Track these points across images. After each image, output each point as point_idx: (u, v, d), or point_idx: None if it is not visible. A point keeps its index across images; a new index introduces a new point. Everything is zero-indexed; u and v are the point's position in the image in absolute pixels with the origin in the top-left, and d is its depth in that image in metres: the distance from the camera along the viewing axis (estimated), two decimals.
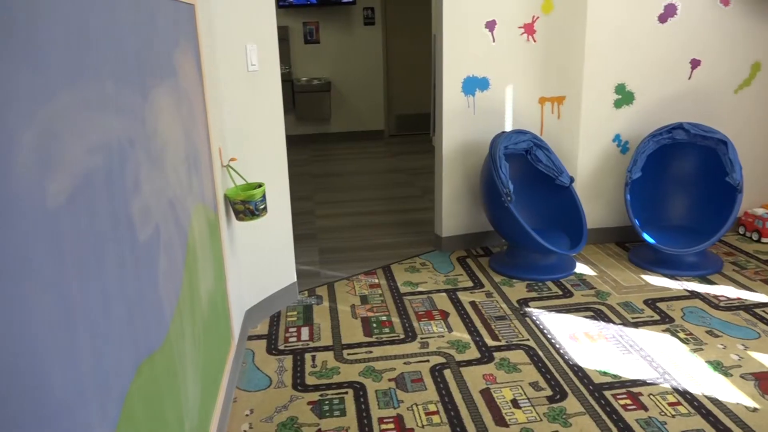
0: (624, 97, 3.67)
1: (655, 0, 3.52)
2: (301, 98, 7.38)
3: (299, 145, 7.50)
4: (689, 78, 3.70)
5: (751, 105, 3.82)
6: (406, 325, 2.94)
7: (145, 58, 1.45)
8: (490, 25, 3.56)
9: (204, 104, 2.18)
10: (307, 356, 2.69)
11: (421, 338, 2.81)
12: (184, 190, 1.77)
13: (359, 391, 2.42)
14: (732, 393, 2.32)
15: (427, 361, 2.62)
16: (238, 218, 2.57)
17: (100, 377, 1.03)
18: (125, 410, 1.13)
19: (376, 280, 3.46)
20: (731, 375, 2.44)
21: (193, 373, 1.73)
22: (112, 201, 1.15)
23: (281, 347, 2.77)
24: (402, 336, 2.83)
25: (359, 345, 2.77)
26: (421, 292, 3.29)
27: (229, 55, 2.65)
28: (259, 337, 2.88)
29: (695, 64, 3.68)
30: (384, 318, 3.01)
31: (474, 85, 3.64)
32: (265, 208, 2.60)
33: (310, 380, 2.50)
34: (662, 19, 3.56)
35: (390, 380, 2.48)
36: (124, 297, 1.18)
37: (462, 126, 3.70)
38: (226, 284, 2.41)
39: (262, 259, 2.99)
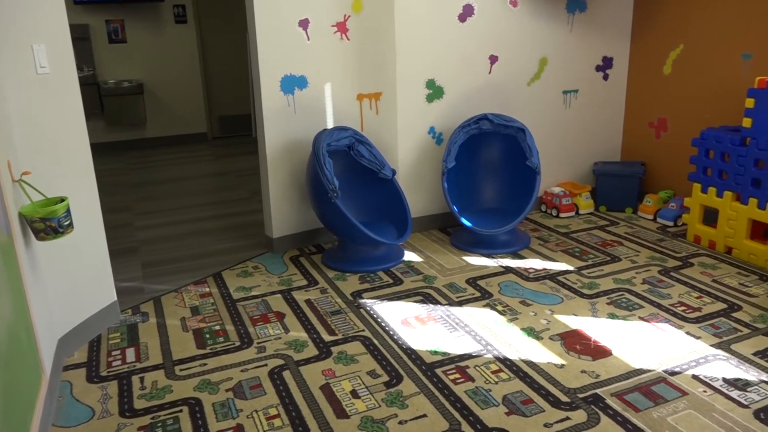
0: (434, 91, 3.90)
1: (454, 0, 3.79)
2: (109, 102, 6.83)
3: (113, 153, 6.95)
4: (489, 73, 4.03)
5: (541, 96, 4.27)
6: (241, 331, 2.86)
7: None
8: (303, 24, 3.58)
9: None
10: (135, 379, 2.50)
11: (258, 343, 2.75)
12: None
13: (195, 406, 2.31)
14: (543, 354, 2.59)
15: (265, 365, 2.57)
16: (39, 238, 2.31)
17: None
18: None
19: (207, 289, 3.33)
20: (542, 338, 2.72)
21: None
22: None
23: (104, 373, 2.55)
24: (238, 343, 2.75)
25: (192, 359, 2.64)
26: (255, 296, 3.22)
27: (13, 57, 2.36)
28: (77, 365, 2.62)
29: (493, 60, 4.02)
30: (217, 327, 2.91)
31: (292, 83, 3.64)
32: (70, 224, 2.36)
33: (139, 404, 2.33)
34: (462, 18, 3.85)
35: (227, 390, 2.40)
36: None
37: (284, 125, 3.67)
38: (29, 313, 2.16)
39: (73, 280, 2.72)
